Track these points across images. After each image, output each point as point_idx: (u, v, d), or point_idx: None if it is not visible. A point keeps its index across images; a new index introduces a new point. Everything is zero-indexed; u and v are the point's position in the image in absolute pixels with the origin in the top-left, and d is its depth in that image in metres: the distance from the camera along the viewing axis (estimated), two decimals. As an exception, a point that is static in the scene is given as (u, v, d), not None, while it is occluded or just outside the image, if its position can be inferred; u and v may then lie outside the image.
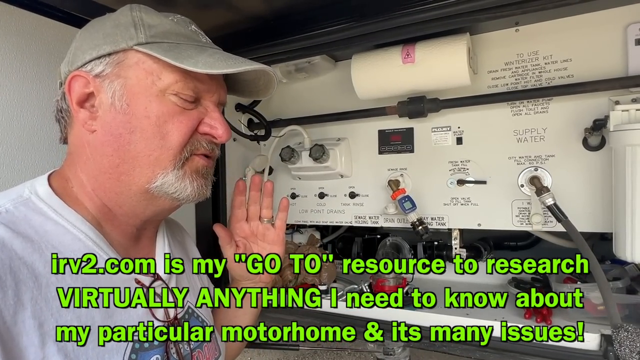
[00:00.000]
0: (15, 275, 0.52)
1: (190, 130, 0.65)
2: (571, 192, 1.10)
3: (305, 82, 1.49)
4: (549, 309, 1.14)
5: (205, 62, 0.62)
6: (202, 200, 0.70)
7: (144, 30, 0.63)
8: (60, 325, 0.54)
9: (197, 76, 0.65)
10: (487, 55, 1.20)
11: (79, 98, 0.64)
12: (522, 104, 1.16)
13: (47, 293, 0.54)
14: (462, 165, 1.24)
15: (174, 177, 0.64)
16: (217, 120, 0.68)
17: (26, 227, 0.57)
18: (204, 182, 0.69)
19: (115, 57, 0.63)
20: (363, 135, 1.39)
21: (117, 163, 0.63)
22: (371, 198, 1.38)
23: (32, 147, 0.89)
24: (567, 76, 1.11)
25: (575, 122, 1.09)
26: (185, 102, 0.65)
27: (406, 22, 1.07)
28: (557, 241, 1.25)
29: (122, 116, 0.63)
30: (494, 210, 1.19)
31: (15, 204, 0.59)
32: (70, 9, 1.05)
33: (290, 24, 1.21)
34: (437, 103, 1.21)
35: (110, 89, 0.63)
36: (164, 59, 0.61)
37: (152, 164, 0.63)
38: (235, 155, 1.49)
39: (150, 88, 0.63)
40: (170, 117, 0.64)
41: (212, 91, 0.69)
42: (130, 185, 0.64)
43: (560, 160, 1.11)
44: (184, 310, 0.74)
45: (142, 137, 0.63)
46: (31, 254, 0.55)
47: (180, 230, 0.93)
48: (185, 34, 0.67)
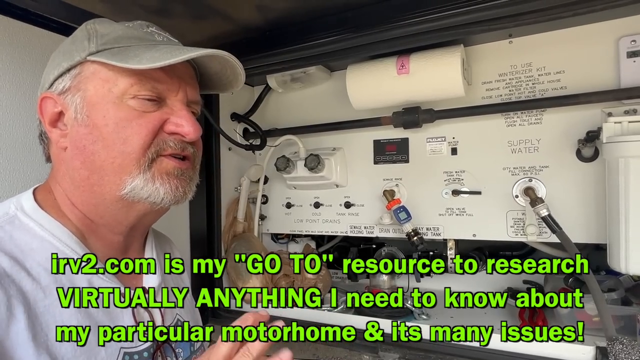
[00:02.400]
0: (6, 291, 0.53)
1: (151, 132, 0.64)
2: (565, 203, 1.10)
3: (300, 91, 1.50)
4: (544, 320, 1.14)
5: (150, 57, 0.61)
6: (182, 202, 0.68)
7: (95, 40, 0.64)
8: (50, 340, 0.54)
9: (154, 76, 0.64)
10: (481, 66, 1.21)
11: (50, 118, 0.65)
12: (516, 114, 1.16)
13: (35, 310, 0.55)
14: (457, 176, 1.24)
15: (142, 181, 0.63)
16: (183, 118, 0.66)
17: (12, 247, 0.57)
18: (179, 183, 0.67)
19: (74, 72, 0.64)
20: (358, 145, 1.39)
21: (87, 175, 0.64)
22: (366, 208, 1.38)
23: (25, 158, 0.89)
24: (560, 88, 1.11)
25: (568, 133, 1.10)
26: (146, 104, 0.64)
27: (401, 34, 1.08)
28: (552, 251, 1.25)
29: (84, 128, 0.63)
30: (489, 221, 1.19)
31: (1, 223, 0.59)
32: (63, 18, 1.05)
33: (286, 34, 1.22)
34: (431, 114, 1.21)
35: (73, 103, 0.63)
36: (109, 62, 0.61)
37: (117, 171, 0.63)
38: (230, 165, 1.49)
39: (107, 96, 0.63)
40: (128, 122, 0.63)
41: (175, 89, 0.67)
42: (103, 195, 0.64)
43: (554, 171, 1.12)
44: (173, 322, 0.74)
45: (103, 145, 0.62)
46: (18, 272, 0.55)
47: (167, 243, 0.93)
48: (139, 36, 0.67)
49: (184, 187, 0.68)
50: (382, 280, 1.28)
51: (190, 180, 0.70)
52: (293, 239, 1.68)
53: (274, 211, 1.55)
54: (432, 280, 1.54)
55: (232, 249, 1.39)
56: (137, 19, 1.12)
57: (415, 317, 1.24)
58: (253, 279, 1.32)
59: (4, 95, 0.87)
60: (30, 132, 0.92)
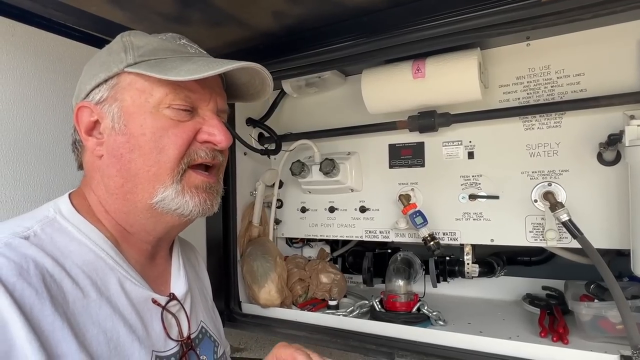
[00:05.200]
0: (49, 291, 0.55)
1: (186, 142, 0.66)
2: (586, 208, 1.08)
3: (315, 96, 1.50)
4: (565, 327, 1.11)
5: (188, 69, 0.63)
6: (209, 214, 0.70)
7: (132, 52, 0.66)
8: (87, 339, 0.57)
9: (188, 86, 0.66)
10: (498, 69, 1.20)
11: (86, 127, 0.67)
12: (534, 118, 1.15)
13: (74, 309, 0.57)
14: (474, 180, 1.23)
15: (173, 192, 0.65)
16: (216, 127, 0.68)
17: (53, 248, 0.59)
18: (207, 196, 0.69)
19: (111, 82, 0.66)
20: (373, 150, 1.39)
21: (122, 183, 0.66)
22: (382, 212, 1.37)
23: (48, 164, 0.91)
24: (580, 90, 1.10)
25: (589, 136, 1.08)
26: (180, 114, 0.66)
27: (416, 38, 1.08)
28: (573, 257, 1.22)
29: (121, 137, 0.65)
30: (507, 226, 1.18)
31: (42, 226, 0.61)
32: (86, 28, 1.08)
33: (301, 40, 1.22)
34: (447, 117, 1.21)
35: (110, 113, 0.66)
36: (149, 74, 0.63)
37: (152, 180, 0.65)
38: (245, 169, 1.50)
39: (144, 106, 0.65)
40: (165, 131, 0.65)
41: (207, 99, 0.69)
42: (135, 203, 0.66)
43: (574, 175, 1.10)
44: (197, 330, 0.74)
45: (140, 154, 0.64)
46: (59, 272, 0.58)
47: (192, 251, 0.94)
48: (173, 48, 0.69)
49: (211, 200, 0.70)
50: (398, 286, 1.27)
51: (217, 193, 0.72)
52: (308, 244, 1.68)
53: (289, 215, 1.56)
54: (448, 286, 1.52)
55: (247, 253, 1.40)
56: (155, 27, 1.15)
57: (432, 323, 1.23)
58: (269, 283, 1.32)
59: (28, 103, 0.90)
60: (54, 139, 0.94)
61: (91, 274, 0.61)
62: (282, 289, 1.34)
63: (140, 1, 1.01)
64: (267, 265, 1.34)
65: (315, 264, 1.48)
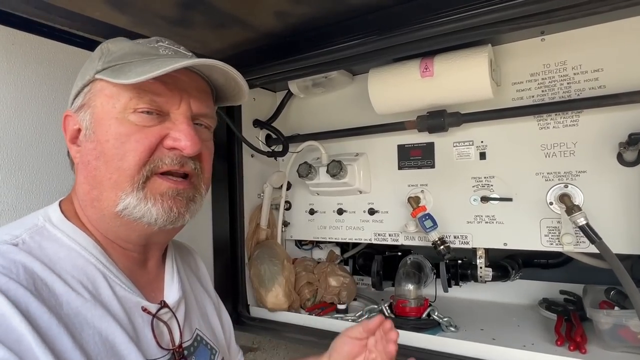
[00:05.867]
0: (40, 293, 0.55)
1: (147, 148, 0.63)
2: (605, 211, 1.03)
3: (322, 96, 1.48)
4: (583, 336, 1.06)
5: (139, 71, 0.60)
6: (178, 224, 0.67)
7: (103, 59, 0.65)
8: (84, 339, 0.56)
9: (152, 89, 0.63)
10: (511, 66, 1.15)
11: (70, 135, 0.67)
12: (549, 116, 1.10)
13: (68, 310, 0.56)
14: (485, 182, 1.18)
15: (135, 199, 0.62)
16: (182, 132, 0.65)
17: (42, 255, 0.59)
18: (173, 204, 0.65)
19: (86, 90, 0.66)
20: (382, 150, 1.36)
21: (88, 190, 0.65)
22: (391, 215, 1.34)
23: (50, 172, 0.91)
24: (598, 87, 1.04)
25: (608, 135, 1.02)
26: (146, 119, 0.64)
27: (424, 36, 1.04)
28: (592, 261, 1.17)
29: (90, 144, 0.64)
30: (521, 229, 1.13)
31: (31, 234, 0.61)
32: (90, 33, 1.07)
33: (306, 40, 1.20)
34: (458, 117, 1.16)
35: (84, 120, 0.65)
36: (105, 79, 0.62)
37: (114, 187, 0.63)
38: (253, 172, 1.48)
39: (111, 112, 0.64)
40: (127, 137, 0.63)
41: (177, 102, 0.66)
42: (102, 211, 0.64)
43: (592, 177, 1.05)
44: (192, 338, 0.73)
45: (104, 161, 0.63)
46: (50, 276, 0.57)
47: (191, 254, 0.92)
48: (143, 52, 0.67)
49: (179, 207, 0.66)
50: (408, 290, 1.24)
51: (190, 200, 0.68)
52: (317, 245, 1.66)
53: (297, 217, 1.54)
54: (462, 289, 1.48)
55: (254, 257, 1.39)
56: (159, 30, 1.14)
57: (443, 329, 1.19)
58: (276, 286, 1.31)
59: (30, 111, 0.90)
60: (55, 145, 0.95)
61: (82, 278, 0.60)
62: (290, 293, 1.33)
63: (142, 5, 1.00)
64: (275, 268, 1.33)
65: (324, 267, 1.46)
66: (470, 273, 1.32)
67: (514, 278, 1.38)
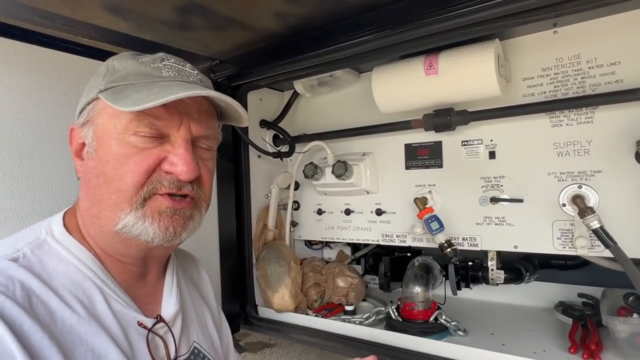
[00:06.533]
0: (36, 311, 0.56)
1: (145, 170, 0.64)
2: (621, 213, 0.97)
3: (329, 95, 1.46)
4: (599, 343, 1.01)
5: (136, 99, 0.61)
6: (175, 242, 0.67)
7: (107, 77, 0.66)
8: (76, 357, 0.57)
9: (152, 113, 0.63)
10: (522, 61, 1.09)
11: (75, 149, 0.69)
12: (562, 113, 1.04)
13: (62, 328, 0.58)
14: (495, 182, 1.14)
15: (133, 218, 0.63)
16: (179, 157, 0.65)
17: (41, 270, 0.61)
18: (170, 223, 0.66)
19: (90, 106, 0.67)
20: (389, 150, 1.33)
21: (88, 206, 0.66)
22: (398, 215, 1.31)
23: (53, 180, 0.94)
24: (615, 81, 0.98)
25: (625, 133, 0.96)
26: (145, 141, 0.64)
27: (427, 32, 1.00)
28: (609, 265, 1.10)
29: (91, 162, 0.65)
30: (532, 232, 1.08)
31: (32, 248, 0.63)
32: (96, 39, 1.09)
33: (308, 39, 1.18)
34: (465, 115, 1.12)
35: (87, 136, 0.66)
36: (106, 101, 0.63)
37: (113, 207, 0.64)
38: (260, 172, 1.48)
39: (112, 132, 0.64)
40: (126, 159, 0.63)
41: (176, 125, 0.66)
42: (102, 228, 0.65)
43: (608, 177, 0.99)
44: (189, 351, 0.73)
45: (104, 180, 0.64)
46: (46, 292, 0.59)
47: (194, 264, 0.93)
48: (145, 72, 0.67)
49: (175, 227, 0.66)
50: (416, 293, 1.21)
51: (189, 218, 0.68)
52: (327, 245, 1.65)
53: (305, 218, 1.53)
54: (474, 292, 1.45)
55: (261, 257, 1.39)
56: (161, 35, 1.15)
57: (451, 333, 1.16)
58: (282, 287, 1.31)
59: (32, 120, 0.92)
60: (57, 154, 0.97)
61: (78, 293, 0.62)
62: (296, 294, 1.33)
63: (141, 11, 1.01)
64: (281, 269, 1.33)
65: (332, 268, 1.45)
66: (482, 275, 1.28)
67: (529, 280, 1.33)
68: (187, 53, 1.30)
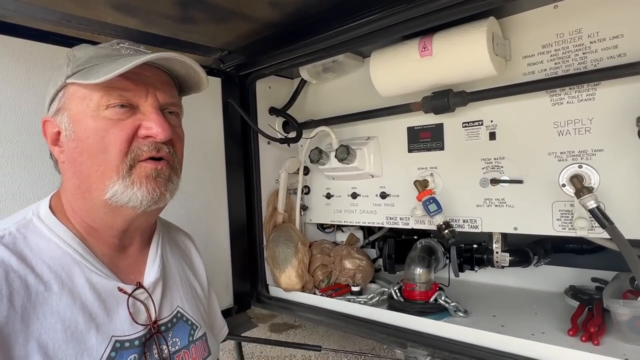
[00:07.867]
0: (10, 285, 0.63)
1: (126, 139, 0.69)
2: (624, 193, 0.94)
3: (335, 81, 1.48)
4: (601, 326, 0.99)
5: (106, 71, 0.66)
6: (161, 203, 0.73)
7: (71, 64, 0.71)
8: (44, 327, 0.64)
9: (120, 85, 0.69)
10: (521, 38, 1.06)
11: (51, 138, 0.74)
12: (563, 91, 1.01)
13: (35, 300, 0.64)
14: (495, 163, 1.12)
15: (122, 186, 0.69)
16: (153, 121, 0.71)
17: (23, 246, 0.68)
18: (155, 185, 0.71)
19: (59, 95, 0.73)
20: (392, 133, 1.33)
21: (78, 184, 0.72)
22: (402, 198, 1.32)
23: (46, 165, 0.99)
24: (617, 55, 0.94)
25: (628, 110, 0.92)
26: (118, 112, 0.70)
27: (424, 11, 1.00)
28: (617, 248, 1.07)
29: (72, 143, 0.71)
30: (532, 213, 1.06)
31: (18, 227, 0.70)
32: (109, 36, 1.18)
33: (307, 26, 1.21)
34: (463, 96, 1.11)
35: (62, 122, 0.72)
36: (77, 82, 0.68)
37: (101, 177, 0.70)
38: (270, 157, 1.54)
39: (85, 111, 0.70)
40: (105, 132, 0.69)
41: (144, 95, 0.72)
42: (93, 201, 0.71)
43: (609, 156, 0.95)
44: (171, 314, 0.80)
45: (88, 156, 0.70)
46: (24, 269, 0.65)
47: (189, 242, 0.99)
48: (106, 54, 0.72)
49: (160, 188, 0.72)
50: (417, 274, 1.23)
51: (168, 180, 0.74)
52: (340, 229, 1.69)
53: (315, 201, 1.57)
54: (483, 275, 1.44)
55: (270, 239, 1.45)
56: (167, 29, 1.22)
57: (451, 314, 1.17)
58: (289, 268, 1.37)
59: (23, 109, 1.00)
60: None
61: (57, 269, 0.69)
62: (303, 274, 1.38)
63: (145, 8, 1.08)
64: (288, 251, 1.39)
65: (341, 250, 1.49)
66: (487, 258, 1.27)
67: (538, 264, 1.30)
68: (196, 45, 1.37)
